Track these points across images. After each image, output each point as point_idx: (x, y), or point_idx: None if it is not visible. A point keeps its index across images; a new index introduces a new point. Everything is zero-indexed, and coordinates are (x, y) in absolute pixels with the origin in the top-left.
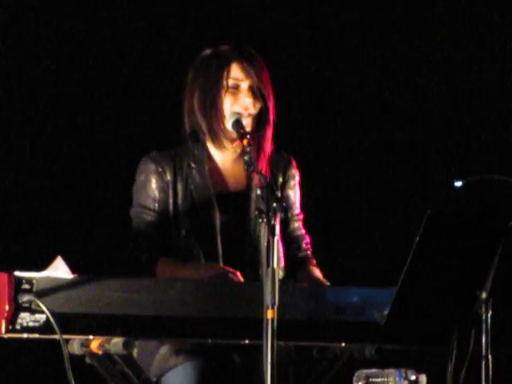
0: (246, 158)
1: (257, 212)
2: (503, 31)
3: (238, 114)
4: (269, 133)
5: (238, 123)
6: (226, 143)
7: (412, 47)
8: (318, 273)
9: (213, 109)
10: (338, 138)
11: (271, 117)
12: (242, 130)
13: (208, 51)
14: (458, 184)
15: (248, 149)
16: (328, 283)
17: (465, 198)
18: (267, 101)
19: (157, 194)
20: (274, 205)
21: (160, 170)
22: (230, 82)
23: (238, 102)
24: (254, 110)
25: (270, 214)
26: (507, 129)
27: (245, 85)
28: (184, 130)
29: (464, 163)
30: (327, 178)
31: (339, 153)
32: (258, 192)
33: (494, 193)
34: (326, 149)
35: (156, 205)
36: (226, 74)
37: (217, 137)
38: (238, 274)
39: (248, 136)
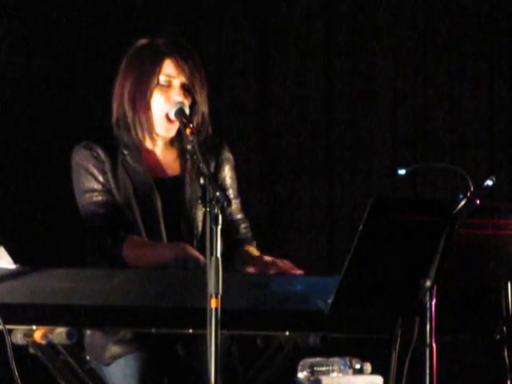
0: (188, 147)
1: (199, 201)
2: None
3: (170, 120)
4: (202, 121)
5: (181, 112)
6: (154, 135)
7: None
8: (255, 250)
9: (142, 103)
10: (282, 128)
11: (201, 108)
12: (184, 119)
13: (143, 41)
14: (402, 172)
15: (191, 138)
16: (268, 257)
17: (408, 186)
18: (197, 97)
19: (99, 176)
20: (218, 194)
21: (95, 154)
22: (162, 79)
23: (169, 100)
24: (185, 107)
25: (213, 203)
26: (452, 119)
27: (177, 82)
28: (112, 117)
29: (409, 152)
30: (274, 168)
31: (283, 142)
32: (201, 181)
33: (437, 180)
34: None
35: (101, 186)
36: (158, 69)
37: (143, 130)
38: (200, 256)
39: (191, 125)
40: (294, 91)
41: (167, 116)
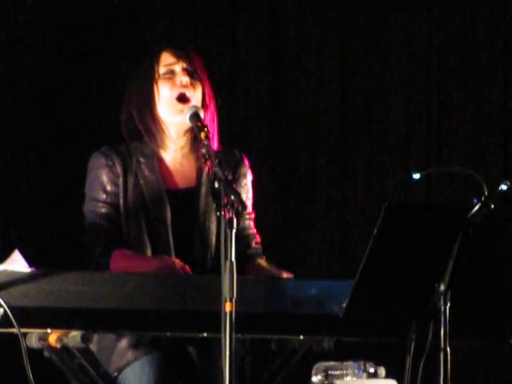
0: (203, 150)
1: (214, 205)
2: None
3: (182, 100)
4: (210, 116)
5: (195, 116)
6: (168, 143)
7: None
8: (267, 264)
9: (148, 114)
10: (295, 132)
11: (209, 99)
12: (199, 123)
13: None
14: (416, 176)
15: (206, 142)
16: (284, 273)
17: (425, 190)
18: (204, 82)
19: (108, 186)
20: (232, 198)
21: (110, 163)
22: (163, 70)
23: (175, 84)
24: (193, 91)
25: (228, 207)
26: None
27: (178, 67)
28: (124, 135)
29: (422, 155)
30: (285, 168)
31: (295, 146)
32: (216, 185)
33: (452, 184)
34: (283, 140)
35: (108, 197)
36: (157, 64)
37: (156, 140)
38: (187, 267)
39: (205, 129)
40: (308, 95)
41: (178, 98)
